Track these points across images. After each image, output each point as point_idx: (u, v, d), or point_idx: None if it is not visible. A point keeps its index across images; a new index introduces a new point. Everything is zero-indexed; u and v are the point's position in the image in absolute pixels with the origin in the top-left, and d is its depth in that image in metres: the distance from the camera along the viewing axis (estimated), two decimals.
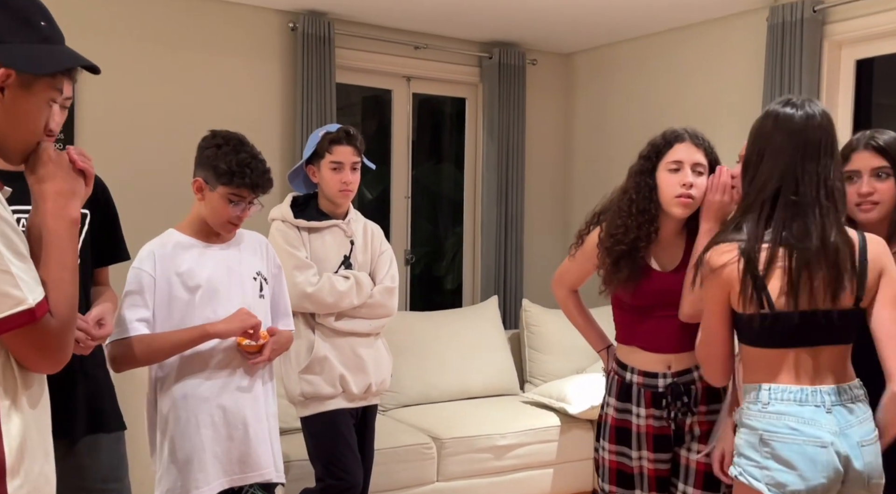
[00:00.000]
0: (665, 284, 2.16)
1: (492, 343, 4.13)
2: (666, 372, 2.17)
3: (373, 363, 2.70)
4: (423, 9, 4.03)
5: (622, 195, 2.19)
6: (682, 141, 2.15)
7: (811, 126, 1.78)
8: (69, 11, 3.57)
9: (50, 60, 1.30)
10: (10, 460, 1.20)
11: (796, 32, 3.58)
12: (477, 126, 4.81)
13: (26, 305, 1.18)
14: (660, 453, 2.19)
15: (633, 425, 2.20)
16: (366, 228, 2.77)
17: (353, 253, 2.70)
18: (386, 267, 2.74)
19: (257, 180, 2.13)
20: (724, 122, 4.09)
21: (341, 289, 2.60)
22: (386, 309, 2.72)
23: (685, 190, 2.10)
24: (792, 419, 1.73)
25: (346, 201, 2.69)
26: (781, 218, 1.76)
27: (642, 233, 2.13)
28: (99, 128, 3.68)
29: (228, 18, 3.96)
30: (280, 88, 4.11)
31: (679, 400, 2.15)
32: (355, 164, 2.66)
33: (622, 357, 2.25)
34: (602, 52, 4.78)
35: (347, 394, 2.66)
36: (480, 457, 3.53)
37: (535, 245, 4.88)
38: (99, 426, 1.97)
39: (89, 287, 2.00)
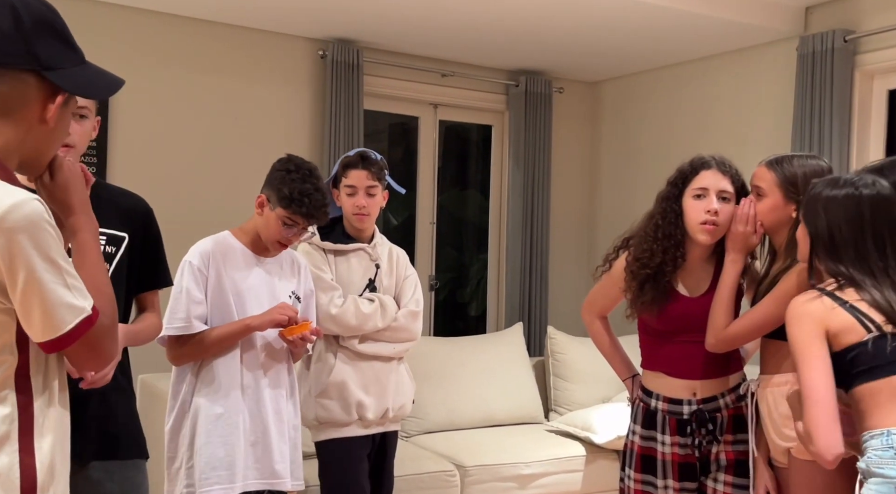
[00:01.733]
0: (691, 308, 2.16)
1: (516, 370, 4.10)
2: (691, 399, 2.16)
3: (393, 387, 2.67)
4: (451, 37, 4.07)
5: (649, 220, 2.22)
6: (708, 168, 2.17)
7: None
8: (105, 36, 3.66)
9: (105, 85, 1.35)
10: (41, 477, 1.22)
11: (827, 62, 3.57)
12: (503, 153, 4.83)
13: (87, 312, 1.24)
14: (685, 482, 2.17)
15: (658, 453, 2.18)
16: (391, 252, 2.76)
17: (378, 277, 2.69)
18: (411, 291, 2.72)
19: (314, 212, 2.27)
20: (753, 153, 4.06)
21: (366, 311, 2.59)
22: (410, 333, 2.70)
23: (710, 216, 2.12)
24: None
25: (363, 225, 2.67)
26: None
27: (668, 258, 2.15)
28: (131, 152, 3.73)
29: (260, 46, 4.03)
30: (309, 114, 4.16)
31: (704, 428, 2.14)
32: (370, 188, 2.63)
33: (647, 383, 2.25)
34: (629, 80, 4.79)
35: (363, 421, 2.62)
36: (504, 486, 3.48)
37: (560, 273, 4.86)
38: (111, 451, 1.91)
39: (120, 312, 1.95)
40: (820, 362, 1.68)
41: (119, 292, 1.93)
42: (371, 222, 2.68)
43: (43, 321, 1.20)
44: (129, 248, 1.96)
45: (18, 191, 1.20)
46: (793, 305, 1.76)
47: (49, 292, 1.19)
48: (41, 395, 1.24)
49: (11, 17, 1.22)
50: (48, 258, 1.19)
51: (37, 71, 1.24)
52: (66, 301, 1.21)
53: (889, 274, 1.75)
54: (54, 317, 1.20)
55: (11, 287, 1.18)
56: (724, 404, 2.16)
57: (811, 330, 1.71)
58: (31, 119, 1.26)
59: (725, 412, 2.15)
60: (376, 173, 2.63)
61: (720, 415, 2.15)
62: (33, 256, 1.18)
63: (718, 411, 2.15)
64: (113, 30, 3.68)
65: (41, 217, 1.19)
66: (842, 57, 3.54)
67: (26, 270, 1.17)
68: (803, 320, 1.73)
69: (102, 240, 1.91)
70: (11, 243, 1.16)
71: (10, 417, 1.20)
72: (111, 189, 2.06)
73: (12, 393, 1.21)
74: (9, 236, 1.16)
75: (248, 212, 2.98)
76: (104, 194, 1.99)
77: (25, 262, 1.17)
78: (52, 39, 1.26)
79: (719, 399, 2.16)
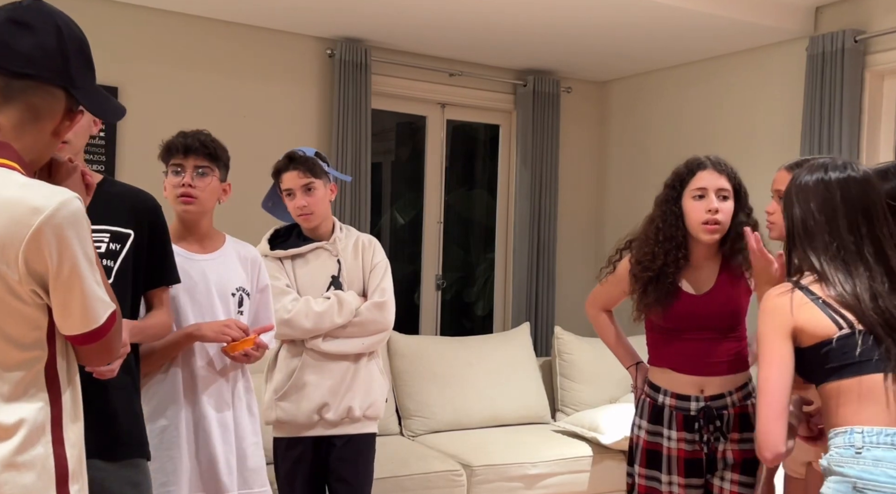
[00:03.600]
0: (696, 306, 2.20)
1: (523, 370, 4.10)
2: (699, 396, 2.18)
3: (360, 386, 2.57)
4: (458, 36, 4.06)
5: (649, 224, 2.27)
6: (704, 168, 2.23)
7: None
8: (115, 34, 3.66)
9: (112, 109, 1.45)
10: (72, 466, 1.30)
11: (837, 63, 3.55)
12: (510, 153, 4.82)
13: (113, 307, 1.34)
14: (691, 478, 2.19)
15: (664, 448, 2.21)
16: (357, 243, 2.65)
17: (341, 272, 2.61)
18: (376, 281, 2.61)
19: (189, 142, 2.20)
20: (762, 153, 4.05)
21: (318, 310, 2.50)
22: (378, 325, 2.59)
23: (711, 216, 2.17)
24: (891, 466, 1.55)
25: (310, 224, 2.59)
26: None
27: (670, 259, 2.20)
28: (140, 150, 3.74)
29: (268, 45, 4.03)
30: (317, 113, 4.16)
31: (712, 424, 2.16)
32: (307, 185, 2.54)
33: (654, 379, 2.27)
34: (637, 80, 4.78)
35: (324, 422, 2.55)
36: (511, 486, 3.48)
37: (568, 273, 4.85)
38: (111, 450, 1.86)
39: (127, 309, 1.95)
40: (778, 359, 1.65)
41: (125, 289, 1.92)
42: (319, 219, 2.59)
43: (82, 313, 1.28)
44: (134, 245, 1.94)
45: (62, 190, 1.28)
46: (766, 297, 1.73)
47: (88, 287, 1.28)
48: (67, 388, 1.32)
49: (55, 37, 1.32)
50: (87, 256, 1.28)
51: (66, 88, 1.34)
52: (100, 296, 1.31)
53: (864, 261, 1.69)
54: (92, 310, 1.29)
55: (55, 281, 1.26)
56: (730, 401, 2.18)
57: (777, 326, 1.67)
58: (50, 130, 1.35)
59: (732, 411, 2.17)
60: (309, 169, 2.55)
61: (727, 412, 2.17)
62: (78, 252, 1.26)
63: (725, 408, 2.17)
64: (123, 28, 3.69)
65: (83, 215, 1.28)
66: (852, 57, 3.52)
67: (70, 264, 1.26)
68: (773, 314, 1.69)
69: (106, 237, 1.90)
70: (60, 239, 1.24)
71: (43, 410, 1.27)
72: (118, 186, 2.04)
73: (44, 387, 1.29)
74: (58, 232, 1.24)
75: (254, 209, 2.98)
76: (112, 189, 1.99)
77: (71, 257, 1.25)
78: (83, 60, 1.37)
79: (726, 397, 2.18)
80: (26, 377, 1.26)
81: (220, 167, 2.28)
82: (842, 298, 1.65)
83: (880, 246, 1.70)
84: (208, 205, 2.26)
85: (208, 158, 2.23)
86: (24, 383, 1.26)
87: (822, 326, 1.64)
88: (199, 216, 2.26)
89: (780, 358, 1.65)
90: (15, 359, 1.26)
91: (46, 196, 1.24)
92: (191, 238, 2.26)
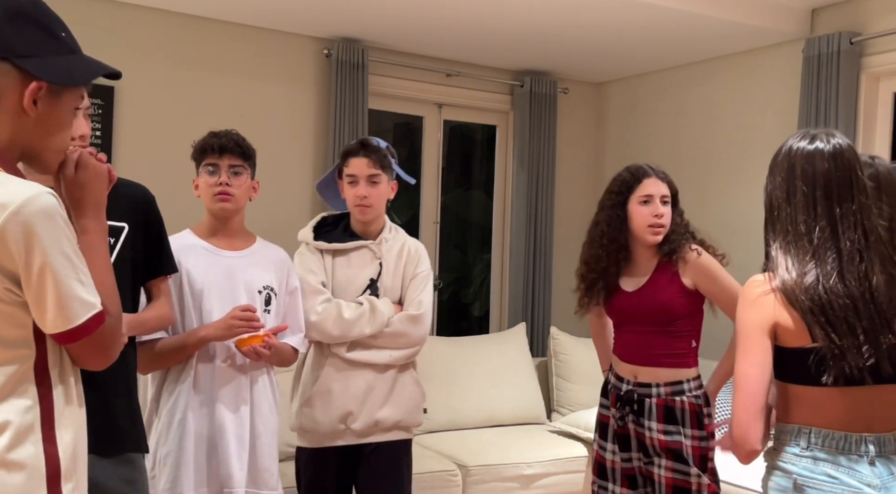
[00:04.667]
0: (630, 302, 2.44)
1: (519, 371, 4.10)
2: (630, 380, 2.44)
3: (392, 397, 2.43)
4: (456, 37, 4.07)
5: (594, 228, 2.49)
6: (649, 176, 2.43)
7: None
8: (111, 33, 3.66)
9: (82, 72, 1.35)
10: (64, 465, 1.28)
11: (832, 64, 3.56)
12: (507, 154, 4.83)
13: (98, 308, 1.28)
14: (623, 452, 2.45)
15: (608, 419, 2.50)
16: (403, 248, 2.50)
17: (381, 277, 2.46)
18: (415, 293, 2.46)
19: (223, 142, 2.23)
20: (758, 154, 4.06)
21: (348, 317, 2.35)
22: (409, 339, 2.43)
23: (657, 220, 2.40)
24: (831, 466, 1.58)
25: (366, 216, 2.45)
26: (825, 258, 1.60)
27: (611, 260, 2.45)
28: (136, 148, 3.74)
29: (265, 44, 4.03)
30: (314, 113, 4.16)
31: (629, 406, 2.41)
32: (373, 177, 2.41)
33: (611, 361, 2.58)
34: (634, 81, 4.79)
35: (350, 432, 2.41)
36: (506, 486, 3.48)
37: (564, 274, 4.84)
38: (108, 445, 1.88)
39: (128, 302, 1.96)
40: (760, 356, 1.59)
41: (122, 283, 1.91)
42: (375, 214, 2.46)
43: (56, 312, 1.23)
44: (129, 237, 1.95)
45: (33, 185, 1.23)
46: (748, 288, 1.65)
47: (62, 285, 1.23)
48: (58, 387, 1.29)
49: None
50: (62, 252, 1.23)
51: (9, 59, 1.26)
52: (78, 295, 1.25)
53: (812, 243, 1.60)
54: (67, 309, 1.24)
55: (26, 278, 1.22)
56: (656, 392, 2.39)
57: (757, 321, 1.60)
58: (12, 109, 1.27)
59: (656, 400, 2.38)
60: (379, 161, 2.43)
61: (649, 401, 2.38)
62: (48, 247, 1.21)
63: (649, 397, 2.39)
64: (119, 27, 3.69)
65: (56, 211, 1.23)
66: (848, 59, 3.54)
67: (41, 261, 1.21)
68: (753, 308, 1.61)
69: None
70: (28, 235, 1.20)
71: (31, 408, 1.25)
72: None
73: (32, 386, 1.26)
74: (25, 228, 1.19)
75: (251, 207, 2.98)
76: None
77: (41, 253, 1.21)
78: (29, 28, 1.28)
79: (653, 387, 2.39)
80: (13, 375, 1.24)
81: (251, 166, 2.31)
82: (783, 286, 1.59)
83: (834, 226, 1.60)
84: (242, 202, 2.30)
85: (241, 157, 2.26)
86: (12, 381, 1.24)
87: (798, 331, 1.58)
88: (234, 214, 2.30)
89: (762, 354, 1.60)
90: (0, 357, 1.24)
91: (14, 192, 1.20)
92: (221, 235, 2.30)
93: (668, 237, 2.42)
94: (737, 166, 4.15)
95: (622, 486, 2.47)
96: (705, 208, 3.92)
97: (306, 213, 4.09)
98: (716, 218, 3.88)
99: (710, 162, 4.23)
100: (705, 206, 3.99)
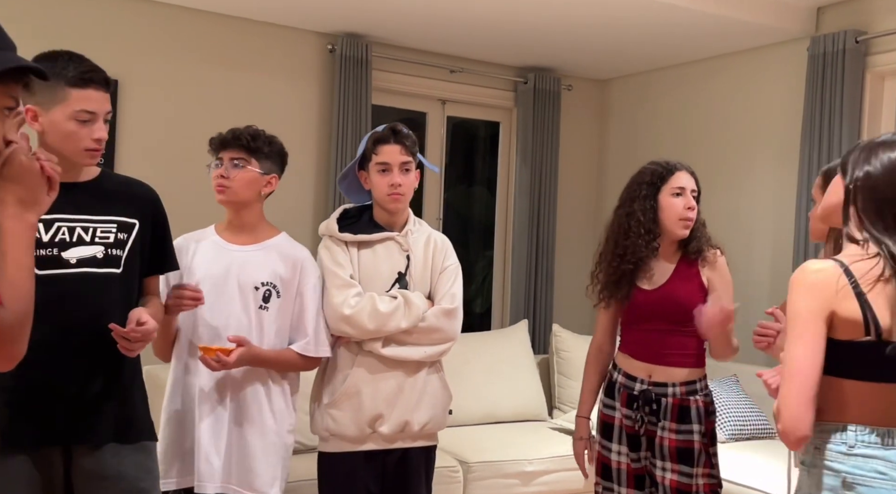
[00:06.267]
0: (650, 300, 2.39)
1: (521, 368, 4.10)
2: (644, 379, 2.38)
3: (419, 399, 2.36)
4: (460, 33, 4.06)
5: (627, 218, 2.41)
6: (680, 170, 2.43)
7: None
8: (114, 28, 3.66)
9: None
10: None
11: (838, 63, 3.55)
12: (510, 150, 4.82)
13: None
14: (633, 452, 2.40)
15: (615, 419, 2.43)
16: (429, 240, 2.43)
17: (409, 270, 2.37)
18: (446, 286, 2.38)
19: (225, 136, 2.24)
20: (762, 152, 4.06)
21: (384, 311, 2.27)
22: (443, 334, 2.36)
23: (689, 213, 2.39)
24: (881, 463, 1.57)
25: (398, 206, 2.36)
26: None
27: (650, 250, 2.38)
28: (140, 143, 3.74)
29: (269, 39, 4.02)
30: (317, 108, 4.16)
31: (648, 406, 2.35)
32: (405, 164, 2.34)
33: (617, 360, 2.50)
34: (638, 79, 4.78)
35: (377, 436, 2.33)
36: (507, 483, 3.48)
37: (566, 271, 4.85)
38: (124, 434, 1.95)
39: (135, 296, 2.02)
40: (813, 342, 1.57)
41: (133, 277, 2.00)
42: (406, 203, 2.39)
43: None
44: (139, 234, 2.00)
45: None
46: (805, 271, 1.61)
47: None
48: None
49: None
50: None
51: None
52: None
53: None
54: None
55: None
56: (672, 392, 2.35)
57: (816, 308, 1.58)
58: None
59: (671, 400, 2.34)
60: (410, 148, 2.36)
61: (665, 400, 2.34)
62: None
63: (665, 396, 2.35)
64: (123, 21, 3.68)
65: None
66: (853, 58, 3.53)
67: None
68: (811, 294, 1.58)
69: (114, 227, 1.95)
70: None
71: None
72: (117, 179, 2.11)
73: None
74: None
75: None
76: (112, 181, 2.06)
77: None
78: None
79: (669, 387, 2.36)
80: None
81: (261, 159, 2.26)
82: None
83: None
84: (241, 195, 2.25)
85: (244, 150, 2.25)
86: None
87: (855, 326, 1.57)
88: (236, 207, 2.29)
89: (816, 341, 1.57)
90: None
91: None
92: (234, 229, 2.30)
93: (693, 234, 2.41)
94: (740, 164, 4.15)
95: (629, 487, 2.41)
96: (708, 206, 3.88)
97: (309, 208, 4.09)
98: (719, 216, 3.87)
99: (713, 160, 4.22)
100: (708, 204, 3.96)
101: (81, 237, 1.91)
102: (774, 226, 3.97)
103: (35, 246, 1.84)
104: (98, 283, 1.91)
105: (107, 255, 1.93)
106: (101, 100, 1.92)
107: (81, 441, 1.90)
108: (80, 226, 1.92)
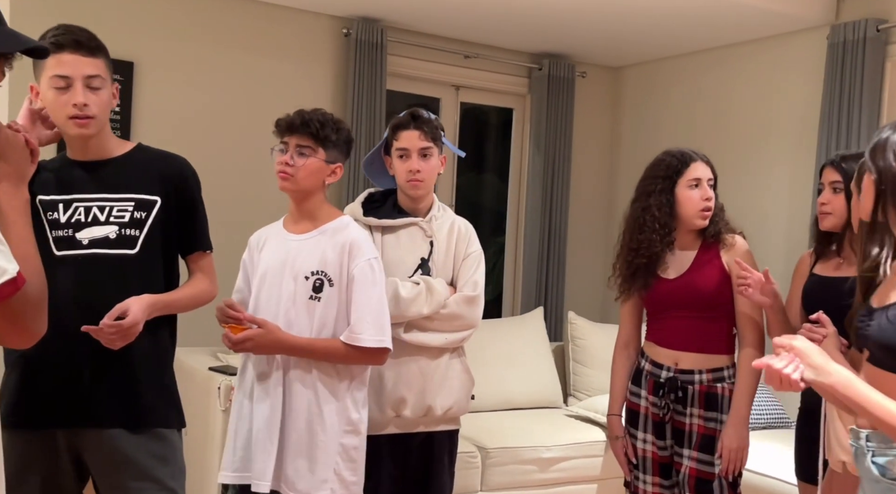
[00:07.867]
0: (673, 289, 2.40)
1: (536, 355, 4.10)
2: (671, 366, 2.40)
3: (441, 384, 2.36)
4: (475, 19, 4.03)
5: (643, 212, 2.41)
6: (695, 160, 2.42)
7: None
8: (130, 12, 3.62)
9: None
10: None
11: (858, 52, 3.54)
12: (524, 137, 4.80)
13: (10, 274, 1.16)
14: (658, 439, 2.42)
15: (640, 407, 2.45)
16: (453, 226, 2.43)
17: (432, 256, 2.38)
18: (469, 273, 2.39)
19: (292, 121, 2.12)
20: (778, 141, 4.05)
21: (405, 296, 2.27)
22: (465, 321, 2.36)
23: (708, 203, 2.39)
24: None
25: (418, 192, 2.36)
26: None
27: (665, 244, 2.39)
28: (154, 126, 3.70)
29: (284, 22, 3.99)
30: (332, 92, 4.13)
31: (673, 394, 2.37)
32: (424, 150, 2.33)
33: (644, 348, 2.52)
34: (653, 66, 4.76)
35: (399, 421, 2.34)
36: (525, 469, 3.49)
37: (578, 259, 4.85)
38: (135, 419, 1.89)
39: (160, 276, 1.95)
40: None
41: (154, 258, 1.93)
42: (427, 189, 2.38)
43: None
44: (162, 212, 1.94)
45: None
46: None
47: None
48: None
49: None
50: None
51: None
52: None
53: None
54: None
55: None
56: (699, 379, 2.36)
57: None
58: None
59: (698, 387, 2.36)
60: (430, 133, 2.34)
61: (692, 387, 2.36)
62: None
63: (692, 384, 2.36)
64: (139, 4, 3.64)
65: None
66: (874, 47, 3.51)
67: None
68: None
69: (130, 206, 1.90)
70: None
71: None
72: (150, 152, 2.03)
73: None
74: None
75: (268, 187, 2.92)
76: (142, 156, 2.00)
77: None
78: None
79: (695, 374, 2.37)
80: None
81: (328, 148, 2.13)
82: None
83: None
84: (304, 184, 2.13)
85: (311, 137, 2.12)
86: None
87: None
88: (300, 196, 2.16)
89: None
90: None
91: None
92: (296, 218, 2.21)
93: (711, 219, 2.43)
94: (756, 154, 4.14)
95: (654, 475, 2.42)
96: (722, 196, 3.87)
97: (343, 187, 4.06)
98: (732, 206, 3.84)
99: (728, 149, 4.20)
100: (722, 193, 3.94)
101: (96, 217, 1.87)
102: (789, 217, 3.96)
103: (53, 227, 1.84)
104: (110, 264, 1.86)
105: (120, 235, 1.87)
106: (74, 63, 1.81)
107: (86, 424, 1.86)
108: (97, 205, 1.87)
